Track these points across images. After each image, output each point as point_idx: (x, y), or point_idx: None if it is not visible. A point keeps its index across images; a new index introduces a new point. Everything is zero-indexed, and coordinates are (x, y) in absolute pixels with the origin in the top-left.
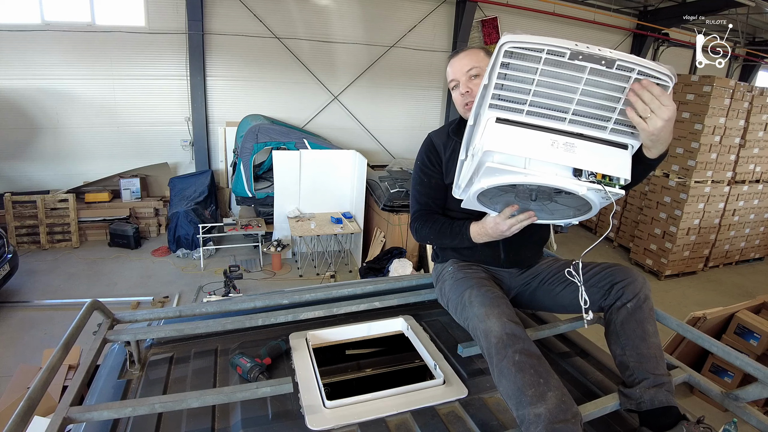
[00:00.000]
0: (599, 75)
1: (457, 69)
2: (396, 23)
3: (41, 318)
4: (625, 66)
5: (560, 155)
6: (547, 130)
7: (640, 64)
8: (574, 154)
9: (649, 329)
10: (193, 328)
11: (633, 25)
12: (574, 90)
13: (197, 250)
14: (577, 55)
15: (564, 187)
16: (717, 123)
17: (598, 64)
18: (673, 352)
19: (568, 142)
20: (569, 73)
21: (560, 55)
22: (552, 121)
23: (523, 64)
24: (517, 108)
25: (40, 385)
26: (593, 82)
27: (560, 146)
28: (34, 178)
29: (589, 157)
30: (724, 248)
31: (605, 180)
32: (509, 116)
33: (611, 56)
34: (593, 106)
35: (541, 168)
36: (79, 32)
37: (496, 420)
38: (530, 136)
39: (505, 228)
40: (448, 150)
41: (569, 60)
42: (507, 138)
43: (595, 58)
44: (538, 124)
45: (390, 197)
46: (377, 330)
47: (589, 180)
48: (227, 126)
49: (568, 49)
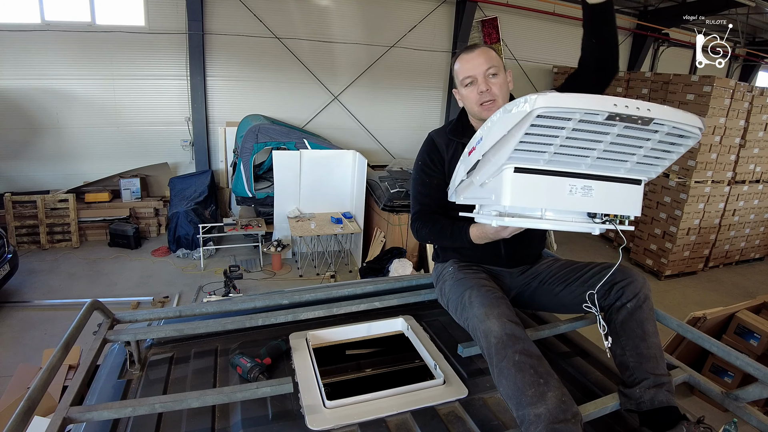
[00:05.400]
0: (630, 129)
1: (475, 66)
2: (396, 23)
3: (41, 318)
4: (660, 122)
5: (578, 202)
6: (565, 175)
7: (674, 120)
8: (592, 198)
9: (649, 329)
10: (193, 328)
11: (633, 25)
12: (601, 142)
13: (197, 250)
14: (615, 116)
15: (577, 230)
16: (717, 123)
17: (634, 123)
18: (673, 352)
19: (585, 186)
20: (599, 129)
21: (594, 114)
22: (571, 166)
23: (552, 124)
24: (537, 158)
25: (40, 385)
26: (623, 135)
27: (578, 191)
28: (34, 178)
29: (605, 200)
30: (724, 248)
31: (618, 217)
32: (528, 165)
33: (648, 115)
34: (615, 152)
35: (558, 215)
36: (79, 32)
37: (497, 420)
38: (549, 184)
39: (507, 234)
40: (450, 150)
41: (604, 120)
42: (527, 190)
43: (633, 119)
44: (557, 170)
45: (390, 197)
46: (377, 330)
47: (603, 221)
48: (227, 126)
49: (606, 111)
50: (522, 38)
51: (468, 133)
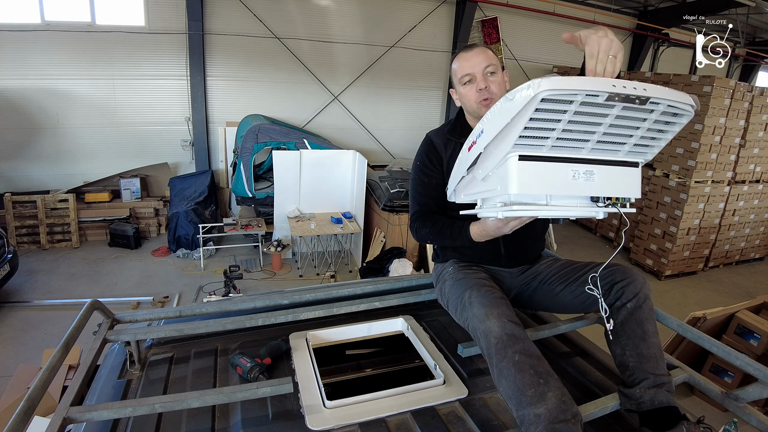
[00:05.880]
0: (628, 110)
1: (474, 64)
2: (396, 23)
3: (41, 318)
4: (656, 101)
5: (582, 186)
6: (567, 160)
7: (668, 98)
8: (594, 183)
9: (649, 329)
10: (193, 328)
11: (633, 25)
12: (601, 124)
13: (197, 250)
14: (614, 96)
15: (582, 216)
16: (717, 123)
17: (632, 103)
18: (673, 352)
19: (587, 171)
20: (599, 111)
21: (595, 96)
22: (572, 151)
23: (555, 107)
24: (540, 144)
25: (40, 385)
26: (621, 116)
27: (581, 176)
28: (34, 178)
29: (607, 183)
30: (724, 248)
31: (620, 200)
32: (531, 152)
33: (645, 95)
34: (614, 135)
35: (563, 201)
36: (79, 32)
37: (496, 420)
38: (553, 170)
39: (508, 230)
40: (449, 149)
41: (604, 102)
42: (533, 177)
43: (630, 98)
44: (559, 156)
45: (390, 197)
46: (377, 330)
47: (606, 204)
48: (227, 126)
49: (606, 92)
50: (522, 38)
51: (466, 133)
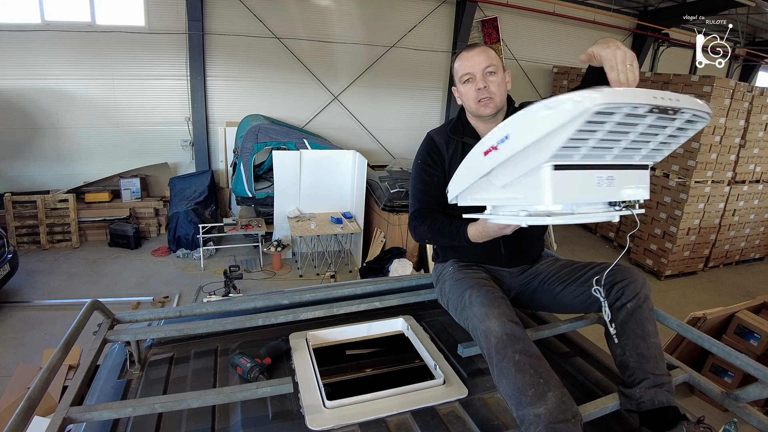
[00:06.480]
0: (660, 120)
1: (475, 63)
2: (396, 23)
3: (41, 318)
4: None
5: (605, 192)
6: (593, 167)
7: (694, 108)
8: (614, 188)
9: (649, 329)
10: (193, 328)
11: (633, 25)
12: (630, 133)
13: (197, 250)
14: (654, 108)
15: (602, 220)
16: (717, 123)
17: (665, 114)
18: (673, 352)
19: (609, 176)
20: (634, 121)
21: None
22: (598, 159)
23: (600, 119)
24: (573, 153)
25: (40, 385)
26: (652, 125)
27: (604, 182)
28: (34, 178)
29: (625, 188)
30: (724, 248)
31: (630, 203)
32: (564, 162)
33: (678, 105)
34: (638, 141)
35: (585, 207)
36: (79, 32)
37: (496, 420)
38: (582, 178)
39: (509, 230)
40: (451, 148)
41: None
42: (567, 187)
43: (668, 110)
44: (585, 163)
45: (390, 197)
46: (377, 330)
47: (621, 208)
48: (227, 126)
49: (649, 104)
50: (522, 38)
51: (468, 132)
